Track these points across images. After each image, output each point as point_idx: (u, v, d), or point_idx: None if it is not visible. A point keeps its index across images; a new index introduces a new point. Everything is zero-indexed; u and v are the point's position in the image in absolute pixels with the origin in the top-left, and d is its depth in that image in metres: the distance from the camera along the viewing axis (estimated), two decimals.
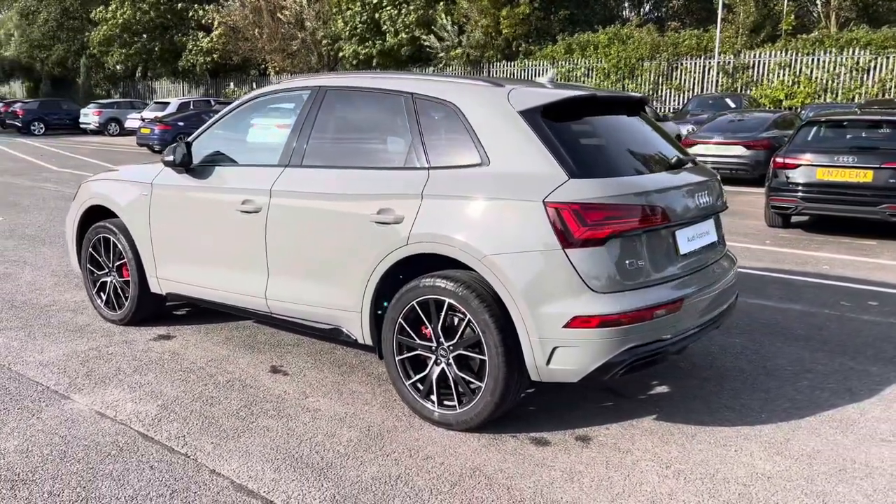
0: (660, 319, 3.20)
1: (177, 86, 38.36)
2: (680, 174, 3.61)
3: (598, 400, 3.87)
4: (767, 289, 6.21)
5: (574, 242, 3.08)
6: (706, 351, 4.63)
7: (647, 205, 3.23)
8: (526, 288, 3.15)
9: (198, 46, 34.59)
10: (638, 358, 3.17)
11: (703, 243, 3.67)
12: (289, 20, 31.62)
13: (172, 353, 4.55)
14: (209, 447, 3.31)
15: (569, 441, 3.40)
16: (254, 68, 35.05)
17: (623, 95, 4.08)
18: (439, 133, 3.58)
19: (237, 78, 36.19)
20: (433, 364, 3.51)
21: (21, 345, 4.67)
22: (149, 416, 3.62)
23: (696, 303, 3.44)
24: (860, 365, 4.40)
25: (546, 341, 3.14)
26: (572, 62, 25.69)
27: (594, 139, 3.53)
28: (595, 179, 3.18)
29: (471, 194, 3.34)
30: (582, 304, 3.09)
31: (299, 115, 4.07)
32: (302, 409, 3.72)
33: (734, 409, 3.76)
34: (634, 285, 3.18)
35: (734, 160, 13.59)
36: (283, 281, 4.02)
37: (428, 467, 3.14)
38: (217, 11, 33.21)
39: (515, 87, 3.54)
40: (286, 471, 3.10)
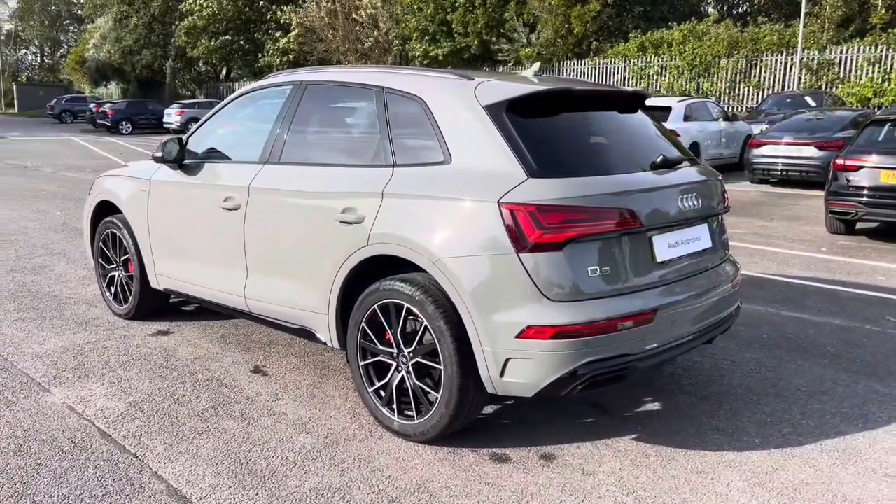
0: (626, 332, 2.93)
1: None
2: (665, 175, 3.30)
3: (578, 415, 3.61)
4: (808, 300, 5.74)
5: (529, 247, 2.85)
6: (716, 366, 4.28)
7: (614, 207, 2.96)
8: (478, 294, 2.95)
9: (276, 46, 35.46)
10: (598, 373, 2.91)
11: (691, 250, 3.36)
12: (363, 20, 32.00)
13: (164, 349, 4.55)
14: (161, 448, 3.25)
15: (531, 459, 3.17)
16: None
17: (610, 90, 3.80)
18: (406, 129, 3.41)
19: None
20: (394, 371, 3.34)
21: (26, 335, 4.77)
22: (115, 413, 3.60)
23: (675, 315, 3.14)
24: (887, 388, 3.96)
25: (499, 352, 2.93)
26: (645, 60, 24.92)
27: (568, 136, 3.27)
28: (556, 179, 2.94)
29: (429, 193, 3.16)
30: (536, 313, 2.86)
31: (280, 110, 3.99)
32: (267, 412, 3.62)
33: (726, 432, 3.43)
34: (597, 294, 2.92)
35: (805, 162, 12.81)
36: (259, 280, 3.94)
37: (373, 480, 2.98)
38: (295, 13, 33.97)
39: (485, 80, 3.33)
40: (227, 477, 3.00)
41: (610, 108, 3.59)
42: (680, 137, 13.53)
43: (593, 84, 4.20)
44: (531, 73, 3.76)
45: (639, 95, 3.73)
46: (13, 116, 52.65)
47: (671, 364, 4.29)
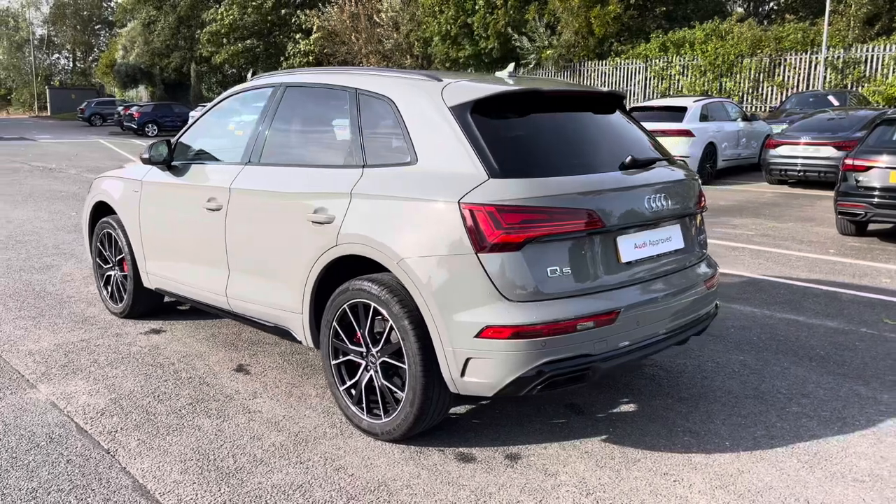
0: (586, 332, 2.92)
1: None
2: (634, 175, 3.28)
3: (551, 416, 3.60)
4: (806, 302, 5.66)
5: (488, 247, 2.86)
6: (699, 368, 4.24)
7: (574, 208, 2.95)
8: (439, 294, 2.96)
9: (297, 49, 35.78)
10: (558, 373, 2.90)
11: (660, 250, 3.33)
12: (384, 23, 32.17)
13: (153, 347, 4.63)
14: (133, 444, 3.30)
15: (496, 459, 3.18)
16: None
17: (582, 91, 3.78)
18: (377, 129, 3.44)
19: None
20: (363, 370, 3.37)
21: (23, 333, 4.88)
22: (95, 410, 3.67)
23: (640, 315, 3.12)
24: (871, 392, 3.89)
25: (459, 352, 2.94)
26: (666, 60, 24.69)
27: (534, 136, 3.26)
28: (516, 179, 2.94)
29: (394, 194, 3.18)
30: (494, 313, 2.86)
31: (261, 111, 4.04)
32: (243, 410, 3.67)
33: (697, 434, 3.40)
34: (557, 294, 2.91)
35: (823, 162, 12.60)
36: (240, 279, 4.00)
37: (335, 478, 3.01)
38: (317, 17, 34.25)
39: (453, 81, 3.34)
40: (192, 473, 3.04)
41: (583, 109, 3.57)
42: (695, 138, 13.43)
43: (567, 84, 4.19)
44: (506, 74, 3.75)
45: (614, 96, 3.72)
46: (46, 119, 53.80)
47: (652, 365, 4.26)
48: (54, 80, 72.81)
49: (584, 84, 26.66)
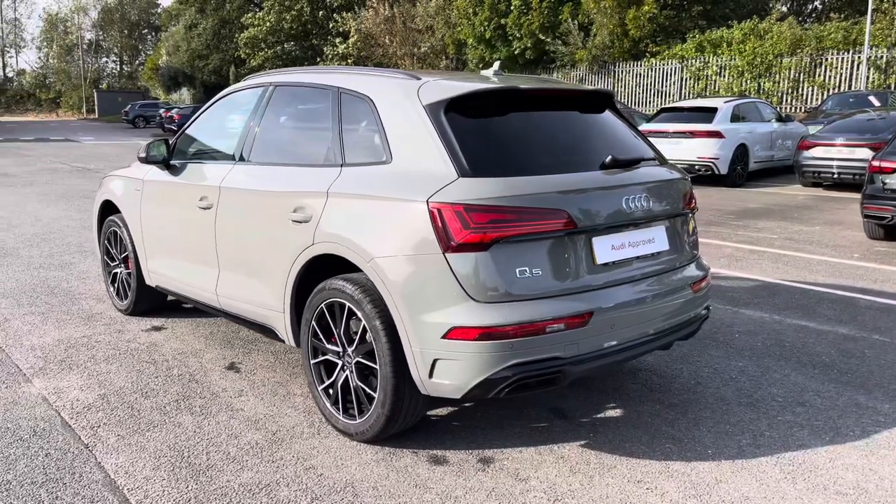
0: (556, 335, 2.86)
1: None
2: (614, 175, 3.20)
3: (533, 419, 3.54)
4: (820, 308, 5.48)
5: (455, 246, 2.81)
6: (695, 373, 4.13)
7: (545, 208, 2.89)
8: (406, 294, 2.93)
9: (334, 52, 36.12)
10: (526, 376, 2.84)
11: (641, 252, 3.25)
12: (419, 27, 32.29)
13: (152, 343, 4.68)
14: (113, 440, 3.34)
15: (469, 462, 3.13)
16: None
17: (565, 89, 3.71)
18: (356, 128, 3.42)
19: None
20: (339, 370, 3.35)
21: (30, 328, 4.99)
22: (82, 405, 3.72)
23: (616, 318, 3.04)
24: (871, 402, 3.74)
25: (426, 352, 2.90)
26: (703, 60, 24.25)
27: (510, 135, 3.21)
28: (486, 178, 2.89)
29: (368, 193, 3.16)
30: (461, 313, 2.82)
31: (251, 111, 4.07)
32: (226, 408, 3.68)
33: (680, 441, 3.30)
34: (526, 296, 2.85)
35: (859, 165, 12.18)
36: (229, 277, 4.02)
37: (304, 478, 3.00)
38: (353, 19, 34.56)
39: (431, 79, 3.30)
40: (164, 469, 3.06)
41: (568, 108, 3.51)
42: (725, 139, 13.16)
43: (553, 83, 4.11)
44: (491, 73, 3.70)
45: (602, 95, 3.64)
46: (92, 122, 55.21)
47: (645, 370, 4.17)
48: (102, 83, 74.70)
49: (618, 86, 26.39)
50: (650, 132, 14.22)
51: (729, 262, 7.13)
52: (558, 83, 4.17)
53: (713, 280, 6.32)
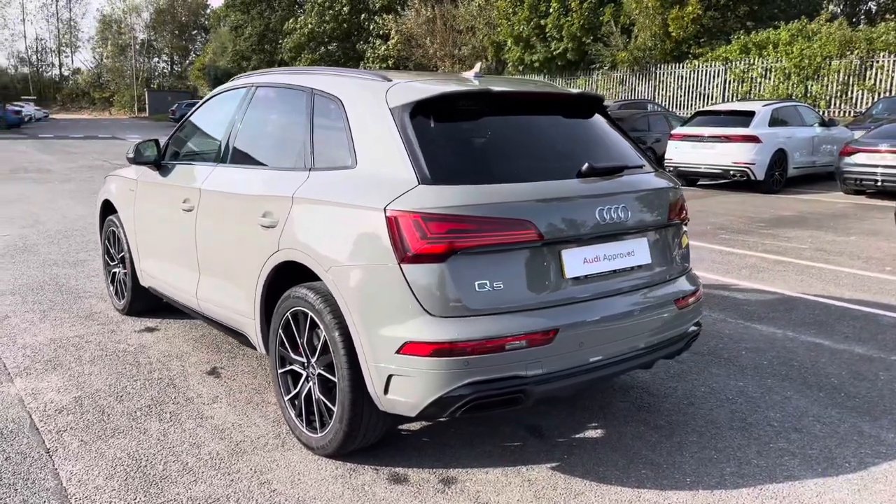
0: (516, 352, 2.69)
1: None
2: (592, 184, 3.01)
3: (508, 437, 3.37)
4: (840, 324, 5.17)
5: (411, 257, 2.67)
6: (690, 392, 3.91)
7: (509, 218, 2.73)
8: (362, 306, 2.80)
9: (375, 53, 36.26)
10: (483, 395, 2.68)
11: (618, 266, 3.05)
12: (460, 28, 32.20)
13: (140, 345, 4.65)
14: (75, 445, 3.28)
15: (430, 482, 2.98)
16: None
17: (545, 92, 3.51)
18: (326, 131, 3.31)
19: None
20: (304, 381, 3.24)
21: (27, 326, 5.01)
22: (55, 407, 3.69)
23: (585, 336, 2.86)
24: (875, 430, 3.48)
25: (381, 367, 2.77)
26: (747, 62, 23.60)
27: (479, 140, 3.05)
28: (446, 186, 2.74)
29: (330, 199, 3.04)
30: (416, 328, 2.68)
31: (234, 112, 3.99)
32: (196, 415, 3.61)
33: (660, 467, 3.10)
34: (485, 310, 2.69)
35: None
36: (207, 281, 3.95)
37: (255, 493, 2.89)
38: (394, 21, 34.64)
39: (402, 81, 3.17)
40: (117, 479, 2.99)
41: (550, 112, 3.34)
42: (762, 144, 12.73)
43: (539, 85, 3.90)
44: (472, 74, 3.55)
45: (589, 99, 3.46)
46: (142, 120, 56.51)
47: (637, 388, 3.96)
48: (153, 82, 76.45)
49: (659, 88, 25.86)
50: (684, 136, 13.86)
51: (750, 273, 6.83)
52: (543, 86, 3.95)
53: (729, 292, 6.07)
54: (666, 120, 16.53)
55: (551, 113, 3.34)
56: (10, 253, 7.47)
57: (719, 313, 5.44)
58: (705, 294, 5.96)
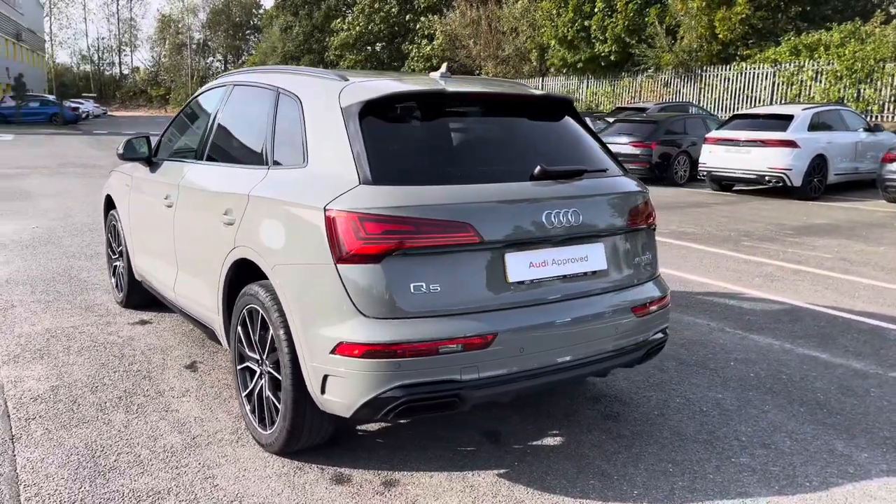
0: (451, 356, 2.65)
1: None
2: (544, 187, 2.94)
3: (464, 441, 3.33)
4: (843, 338, 4.97)
5: (347, 257, 2.66)
6: (664, 402, 3.81)
7: (447, 220, 2.69)
8: (299, 304, 2.80)
9: (420, 53, 36.41)
10: (416, 398, 2.65)
11: (569, 271, 2.98)
12: (504, 29, 32.11)
13: (129, 338, 4.74)
14: (39, 433, 3.36)
15: (372, 483, 2.96)
16: (468, 74, 36.01)
17: (503, 93, 3.43)
18: (286, 130, 3.31)
19: None
20: (257, 378, 3.26)
21: (28, 316, 5.16)
22: (31, 396, 3.78)
23: (528, 341, 2.80)
24: (849, 449, 3.32)
25: (318, 367, 2.76)
26: (797, 64, 22.90)
27: (428, 141, 3.02)
28: (385, 187, 2.72)
29: (279, 197, 3.05)
30: (349, 328, 2.66)
31: (213, 110, 4.04)
32: (163, 408, 3.66)
33: (609, 478, 3.02)
34: (420, 313, 2.66)
35: None
36: (182, 276, 4.01)
37: (196, 488, 2.91)
38: (439, 22, 34.73)
39: (358, 81, 3.16)
40: (68, 468, 3.04)
41: (512, 114, 3.28)
42: (800, 149, 12.36)
43: (502, 86, 3.82)
44: (438, 75, 3.51)
45: (554, 100, 3.39)
46: None
47: (608, 397, 3.87)
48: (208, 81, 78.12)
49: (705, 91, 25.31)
50: (719, 139, 13.54)
51: (763, 282, 6.62)
52: (508, 87, 3.79)
53: (735, 301, 5.89)
54: (704, 123, 16.15)
55: (514, 114, 3.29)
56: (34, 244, 7.72)
57: (717, 322, 5.28)
58: (710, 303, 5.82)
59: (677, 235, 9.04)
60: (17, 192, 11.98)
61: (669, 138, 15.19)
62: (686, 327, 5.15)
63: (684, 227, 9.71)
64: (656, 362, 4.38)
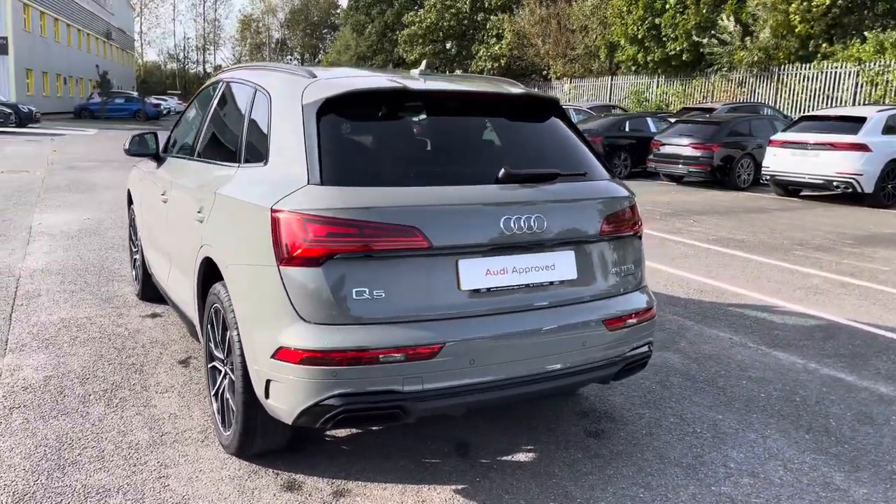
0: (392, 366, 2.53)
1: None
2: (510, 191, 2.77)
3: (431, 452, 3.20)
4: (876, 359, 4.59)
5: (289, 259, 2.57)
6: (656, 421, 3.58)
7: (392, 223, 2.56)
8: (248, 307, 2.74)
9: (489, 52, 36.23)
10: (356, 408, 2.54)
11: (533, 280, 2.79)
12: (573, 28, 31.61)
13: (136, 330, 4.81)
14: (18, 423, 3.42)
15: (322, 492, 2.87)
16: (536, 73, 35.57)
17: (473, 91, 3.27)
18: (257, 127, 3.26)
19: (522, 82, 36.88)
20: (222, 378, 3.22)
21: (49, 305, 5.31)
22: (23, 385, 3.85)
23: (480, 353, 2.65)
24: (848, 483, 3.02)
25: (261, 371, 2.69)
26: (882, 64, 21.60)
27: (388, 141, 2.90)
28: (334, 188, 2.61)
29: (237, 195, 3.00)
30: (289, 333, 2.57)
31: (206, 107, 4.04)
32: (142, 403, 3.67)
33: (573, 501, 2.83)
34: (361, 320, 2.55)
35: None
36: (173, 271, 4.03)
37: (145, 488, 2.88)
38: (508, 20, 34.49)
39: (324, 77, 3.06)
40: (32, 459, 3.06)
41: (489, 113, 3.14)
42: (872, 153, 11.67)
43: (480, 84, 3.63)
44: (416, 72, 3.37)
45: (536, 100, 3.21)
46: None
47: (596, 412, 3.67)
48: None
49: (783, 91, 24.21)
50: (785, 142, 12.90)
51: (804, 294, 6.21)
52: (486, 85, 3.57)
53: (766, 314, 5.53)
54: (771, 125, 15.41)
55: (489, 114, 3.14)
56: (80, 235, 7.99)
57: (741, 337, 4.97)
58: (738, 315, 5.49)
59: (724, 242, 8.63)
60: (83, 185, 12.47)
61: (733, 140, 14.56)
62: (705, 341, 4.87)
63: (735, 234, 9.26)
64: (660, 378, 4.15)
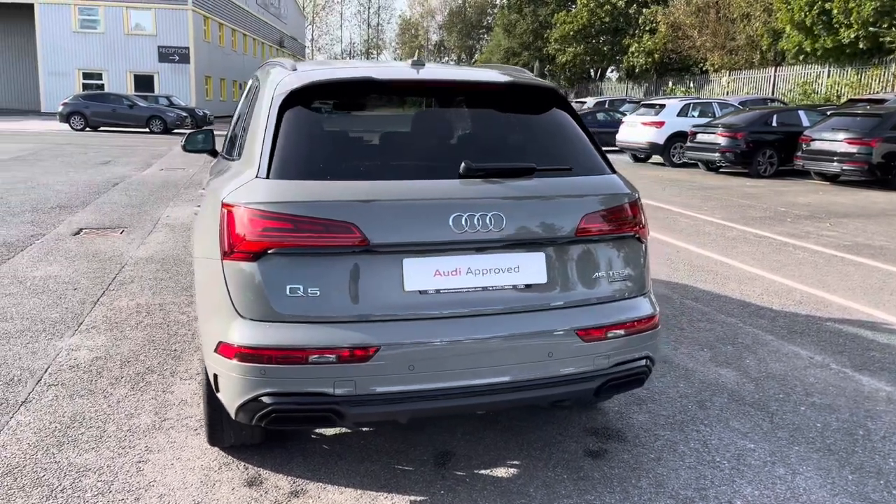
0: (322, 367, 2.42)
1: (622, 85, 39.27)
2: (470, 186, 2.56)
3: (409, 459, 3.05)
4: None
5: (230, 254, 2.53)
6: (673, 444, 3.21)
7: (328, 219, 2.44)
8: (200, 299, 2.75)
9: (641, 47, 34.88)
10: (285, 409, 2.46)
11: (492, 283, 2.55)
12: (734, 17, 29.69)
13: (195, 318, 5.02)
14: (48, 399, 3.63)
15: (279, 490, 2.83)
16: (694, 66, 33.72)
17: (444, 80, 3.00)
18: (249, 121, 3.26)
19: (676, 77, 35.10)
20: None
21: (138, 290, 5.67)
22: (71, 364, 4.10)
23: (421, 358, 2.46)
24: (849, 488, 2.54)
25: (210, 365, 2.68)
26: None
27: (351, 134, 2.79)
28: (277, 181, 2.54)
29: (211, 188, 3.02)
30: (227, 328, 2.53)
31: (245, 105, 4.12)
32: (163, 388, 3.80)
33: None
34: (295, 318, 2.45)
35: None
36: None
37: (120, 471, 2.95)
38: (662, 13, 33.04)
39: (303, 69, 3.00)
40: (41, 435, 3.24)
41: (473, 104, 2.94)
42: None
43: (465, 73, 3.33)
44: (409, 62, 3.20)
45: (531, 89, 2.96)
46: None
47: (610, 429, 3.35)
48: None
49: None
50: None
51: None
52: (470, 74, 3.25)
53: (871, 331, 4.84)
54: None
55: (474, 105, 2.94)
56: (185, 227, 8.52)
57: (825, 356, 4.38)
58: (832, 331, 4.85)
59: (857, 249, 7.68)
60: None
61: (891, 136, 12.96)
62: (778, 359, 4.32)
63: (874, 240, 8.23)
64: (703, 397, 3.73)
